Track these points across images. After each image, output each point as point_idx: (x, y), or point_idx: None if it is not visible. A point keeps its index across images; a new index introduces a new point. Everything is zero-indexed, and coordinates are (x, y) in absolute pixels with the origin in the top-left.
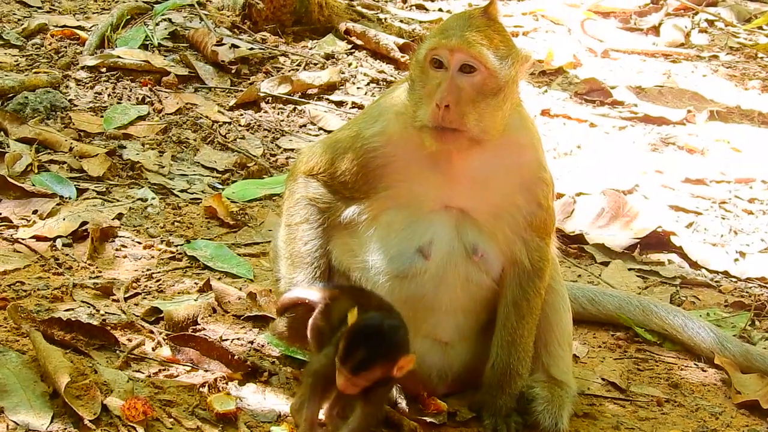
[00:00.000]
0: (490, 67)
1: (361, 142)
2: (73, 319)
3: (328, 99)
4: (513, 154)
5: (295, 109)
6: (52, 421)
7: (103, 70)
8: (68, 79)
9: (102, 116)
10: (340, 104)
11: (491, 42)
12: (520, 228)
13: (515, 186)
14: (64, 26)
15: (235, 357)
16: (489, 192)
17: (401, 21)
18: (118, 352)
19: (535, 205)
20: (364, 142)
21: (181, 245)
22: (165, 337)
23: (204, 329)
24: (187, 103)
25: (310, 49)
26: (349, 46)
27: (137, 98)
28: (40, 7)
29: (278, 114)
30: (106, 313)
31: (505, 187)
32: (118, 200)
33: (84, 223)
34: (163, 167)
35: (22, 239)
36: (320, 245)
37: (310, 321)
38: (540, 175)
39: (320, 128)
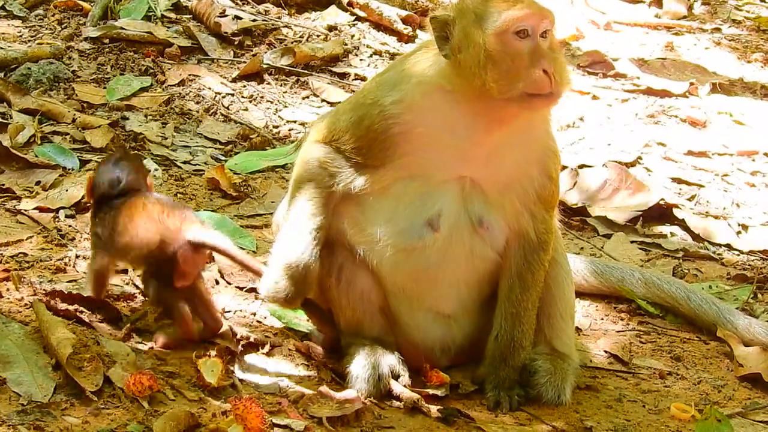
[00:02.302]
0: (555, 29)
1: (379, 109)
2: (75, 291)
3: (330, 71)
4: (528, 124)
5: (297, 80)
6: (54, 393)
7: (106, 41)
8: (71, 51)
9: (105, 87)
10: (342, 76)
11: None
12: (529, 200)
13: (529, 157)
14: None
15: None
16: (504, 162)
17: None
18: (120, 324)
19: (546, 176)
20: (383, 109)
21: None
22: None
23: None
24: (189, 75)
25: (313, 20)
26: (352, 18)
27: (140, 70)
28: None
29: (281, 86)
30: (110, 285)
31: (520, 158)
32: None
33: None
34: (166, 139)
35: (25, 210)
36: (323, 207)
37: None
38: (551, 146)
39: (323, 100)
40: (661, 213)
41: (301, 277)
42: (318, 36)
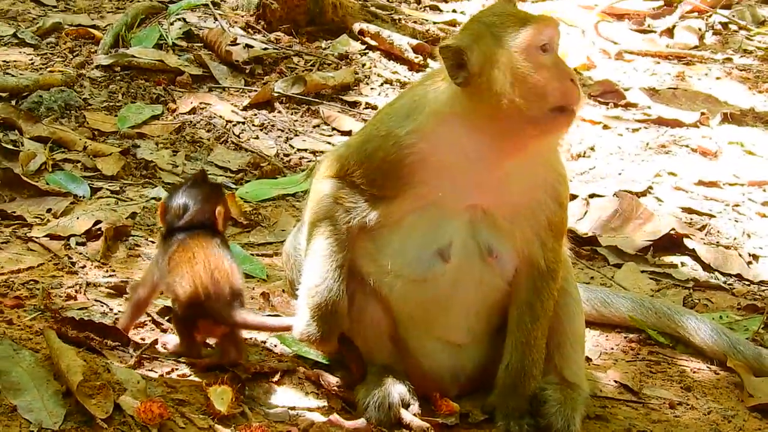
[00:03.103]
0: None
1: (393, 140)
2: (86, 318)
3: (341, 99)
4: (539, 150)
5: (308, 109)
6: (64, 420)
7: (118, 69)
8: (82, 78)
9: (116, 115)
10: (353, 105)
11: None
12: (540, 227)
13: (540, 183)
14: (79, 25)
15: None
16: (516, 189)
17: (415, 22)
18: (131, 351)
19: (557, 203)
20: (397, 140)
21: None
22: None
23: None
24: (201, 103)
25: (324, 49)
26: (363, 47)
27: (151, 97)
28: (55, 6)
29: (292, 114)
30: (119, 312)
31: (531, 184)
32: (131, 199)
33: (98, 222)
34: (177, 166)
35: (36, 238)
36: (343, 243)
37: None
38: (561, 172)
39: (334, 129)
40: (672, 243)
41: (330, 317)
42: (329, 65)
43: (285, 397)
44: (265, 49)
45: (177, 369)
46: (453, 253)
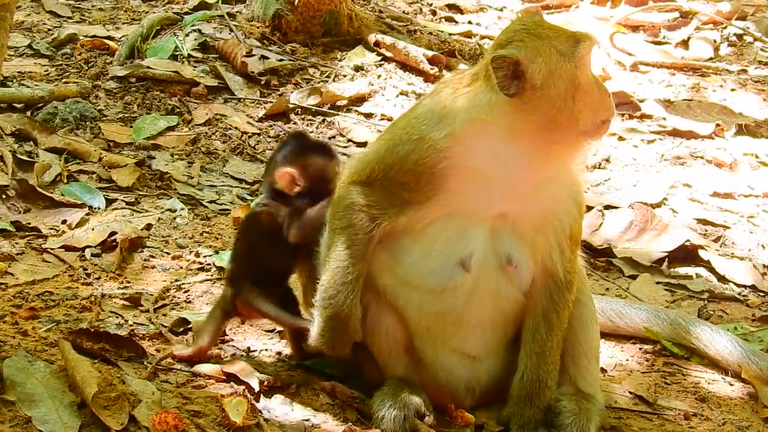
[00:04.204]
0: None
1: (428, 143)
2: (101, 330)
3: (357, 111)
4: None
5: (324, 120)
6: (79, 431)
7: (133, 80)
8: (98, 89)
9: (131, 126)
10: (369, 116)
11: None
12: (563, 235)
13: (563, 191)
14: (94, 36)
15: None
16: (543, 197)
17: (431, 33)
18: (146, 362)
19: (579, 211)
20: (433, 143)
21: (210, 256)
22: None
23: (232, 340)
24: (216, 114)
25: (340, 60)
26: (379, 58)
27: (166, 109)
28: (70, 17)
29: (307, 125)
30: (134, 323)
31: (556, 193)
32: (147, 211)
33: (113, 233)
34: (192, 178)
35: (51, 249)
36: (363, 253)
37: None
38: (577, 180)
39: (349, 140)
40: (687, 254)
41: (343, 327)
42: (344, 76)
43: (300, 408)
44: (281, 60)
45: (192, 380)
46: (474, 263)
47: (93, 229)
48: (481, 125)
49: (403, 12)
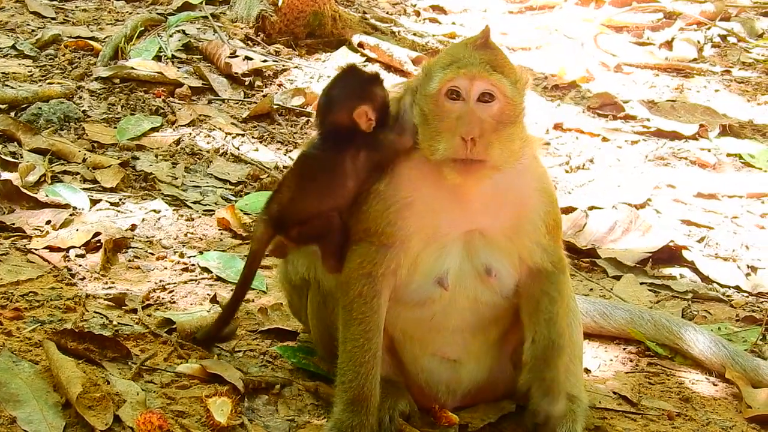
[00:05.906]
0: (508, 95)
1: (377, 197)
2: (85, 330)
3: None
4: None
5: (308, 121)
6: (64, 431)
7: (117, 81)
8: (82, 90)
9: (115, 127)
10: None
11: (504, 68)
12: (540, 233)
13: (529, 189)
14: (78, 37)
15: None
16: (508, 203)
17: (414, 34)
18: (130, 363)
19: (550, 203)
20: (377, 194)
21: (194, 257)
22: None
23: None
24: (200, 115)
25: (324, 61)
26: (363, 59)
27: (150, 109)
28: (54, 18)
29: (291, 126)
30: (118, 324)
31: (521, 194)
32: (131, 211)
33: (97, 233)
34: (176, 179)
35: (35, 250)
36: (378, 322)
37: None
38: (541, 170)
39: None
40: (671, 255)
41: (365, 411)
42: (328, 77)
43: (284, 408)
44: (265, 61)
45: (177, 381)
46: (451, 279)
47: (77, 230)
48: (411, 160)
49: (387, 13)
